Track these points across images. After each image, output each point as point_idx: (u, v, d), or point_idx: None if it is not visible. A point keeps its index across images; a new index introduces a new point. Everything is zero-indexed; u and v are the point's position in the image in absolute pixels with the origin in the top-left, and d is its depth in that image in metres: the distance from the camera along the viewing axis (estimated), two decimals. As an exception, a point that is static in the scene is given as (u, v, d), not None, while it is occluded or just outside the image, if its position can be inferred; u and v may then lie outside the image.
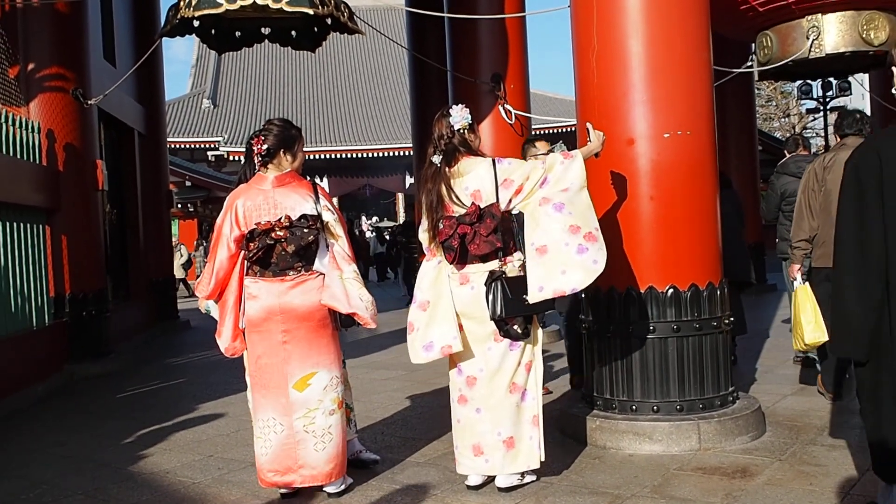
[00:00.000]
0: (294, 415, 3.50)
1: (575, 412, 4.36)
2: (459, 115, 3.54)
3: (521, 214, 3.61)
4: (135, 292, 10.50)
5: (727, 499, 3.30)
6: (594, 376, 4.39)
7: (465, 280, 3.50)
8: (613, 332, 4.24)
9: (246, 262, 3.60)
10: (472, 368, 3.53)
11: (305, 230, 3.48)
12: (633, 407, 4.17)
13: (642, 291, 4.15)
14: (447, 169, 3.53)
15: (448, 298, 3.51)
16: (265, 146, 3.57)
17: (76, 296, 7.50)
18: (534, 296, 3.37)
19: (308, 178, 3.75)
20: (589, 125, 3.84)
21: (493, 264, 3.46)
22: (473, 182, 3.48)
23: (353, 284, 3.55)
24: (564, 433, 4.36)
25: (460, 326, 3.50)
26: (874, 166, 2.58)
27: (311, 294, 3.52)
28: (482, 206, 3.44)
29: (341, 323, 3.66)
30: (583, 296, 4.45)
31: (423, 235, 3.64)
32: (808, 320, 4.28)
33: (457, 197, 3.48)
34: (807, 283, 4.50)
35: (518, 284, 3.40)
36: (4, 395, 5.88)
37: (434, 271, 3.58)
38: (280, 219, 3.49)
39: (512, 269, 3.47)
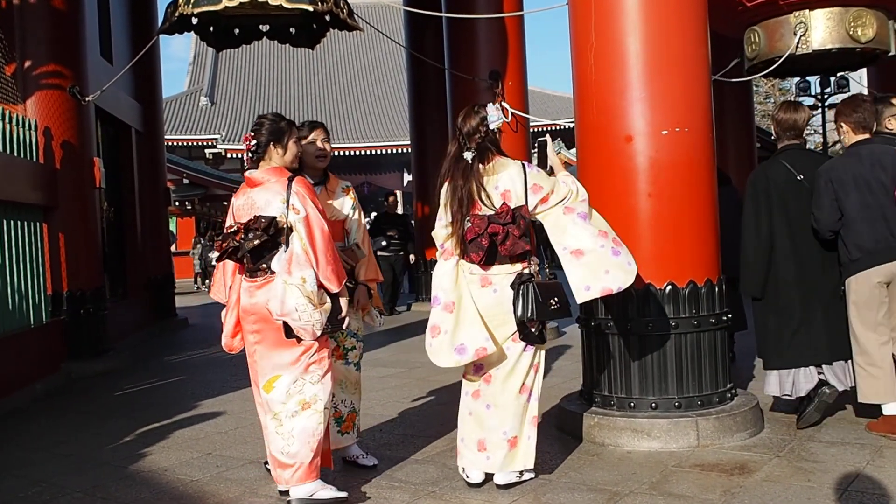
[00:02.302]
0: (267, 415, 3.47)
1: (573, 409, 4.37)
2: (496, 115, 3.53)
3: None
4: (133, 290, 10.48)
5: (725, 495, 3.30)
6: (592, 373, 4.39)
7: (488, 282, 3.47)
8: (611, 329, 4.24)
9: None
10: (490, 367, 3.53)
11: (250, 234, 3.36)
12: (632, 404, 4.17)
13: (640, 289, 4.15)
14: (480, 166, 3.51)
15: (469, 299, 3.47)
16: (254, 142, 3.51)
17: (74, 294, 7.49)
18: (581, 295, 3.43)
19: (300, 174, 3.60)
20: (547, 138, 3.83)
21: (518, 267, 3.47)
22: (505, 182, 3.48)
23: (293, 291, 3.30)
24: (563, 430, 4.36)
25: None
26: (763, 181, 4.34)
27: (272, 295, 3.39)
28: (513, 207, 3.44)
29: (284, 332, 3.37)
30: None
31: (443, 232, 3.56)
32: None
33: (487, 196, 3.46)
34: None
35: (545, 289, 3.43)
36: (2, 394, 5.86)
37: (454, 271, 3.51)
38: (250, 220, 3.42)
39: (535, 272, 3.49)
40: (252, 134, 3.54)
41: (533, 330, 3.44)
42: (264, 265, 3.41)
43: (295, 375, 3.42)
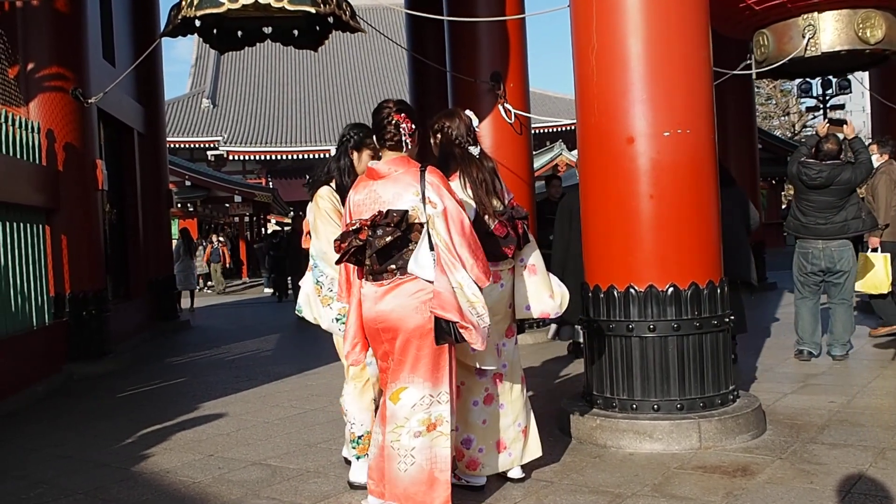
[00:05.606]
0: (387, 427, 3.14)
1: (575, 411, 4.36)
2: (476, 119, 3.57)
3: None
4: (134, 292, 10.50)
5: (728, 497, 3.30)
6: (594, 375, 4.39)
7: (498, 278, 3.47)
8: (613, 330, 4.24)
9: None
10: (497, 365, 3.51)
11: (379, 231, 3.05)
12: (634, 406, 4.17)
13: (642, 290, 4.15)
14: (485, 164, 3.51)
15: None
16: (414, 125, 3.16)
17: (76, 295, 7.50)
18: (521, 313, 3.52)
19: (429, 164, 3.20)
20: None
21: (510, 261, 3.51)
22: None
23: (460, 295, 2.98)
24: (564, 432, 4.36)
25: None
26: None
27: (404, 300, 3.07)
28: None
29: (436, 338, 3.02)
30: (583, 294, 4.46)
31: None
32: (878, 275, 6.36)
33: (504, 190, 3.52)
34: (887, 255, 6.44)
35: None
36: (4, 395, 5.87)
37: None
38: (375, 216, 3.09)
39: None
40: (407, 115, 3.18)
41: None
42: (392, 266, 3.09)
43: (425, 391, 3.11)
